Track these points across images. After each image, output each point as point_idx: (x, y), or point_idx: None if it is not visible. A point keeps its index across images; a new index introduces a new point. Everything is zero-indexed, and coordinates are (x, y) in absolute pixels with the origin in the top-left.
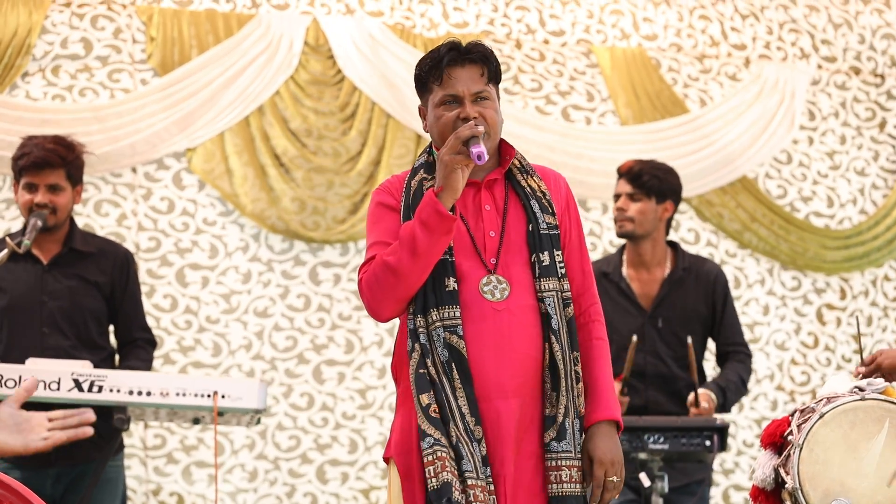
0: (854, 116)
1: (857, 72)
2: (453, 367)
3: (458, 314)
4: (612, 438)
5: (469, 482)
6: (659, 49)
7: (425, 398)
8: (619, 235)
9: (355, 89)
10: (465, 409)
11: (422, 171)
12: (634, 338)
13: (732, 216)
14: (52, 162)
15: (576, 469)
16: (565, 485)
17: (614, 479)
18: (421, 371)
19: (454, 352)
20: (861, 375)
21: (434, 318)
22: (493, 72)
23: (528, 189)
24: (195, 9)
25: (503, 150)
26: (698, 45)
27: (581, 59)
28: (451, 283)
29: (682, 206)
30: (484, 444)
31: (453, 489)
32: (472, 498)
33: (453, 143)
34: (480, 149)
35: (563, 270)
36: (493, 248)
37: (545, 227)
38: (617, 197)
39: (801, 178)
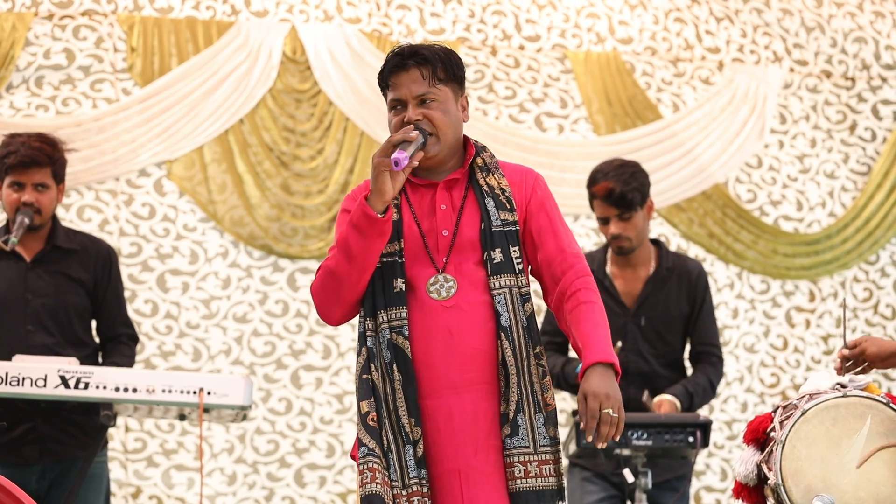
0: (825, 119)
1: (829, 75)
2: (395, 368)
3: (404, 315)
4: (606, 376)
5: (395, 491)
6: (633, 53)
7: (365, 405)
8: (619, 254)
9: (331, 103)
10: (403, 412)
11: None
12: (619, 344)
13: (701, 222)
14: (39, 160)
15: (535, 464)
16: (518, 481)
17: (610, 411)
18: (364, 377)
19: (398, 352)
20: (844, 358)
21: (382, 319)
22: (442, 72)
23: (485, 187)
24: (175, 16)
25: (467, 150)
26: (673, 48)
27: (556, 64)
28: (399, 284)
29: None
30: (421, 445)
31: (383, 499)
32: None
33: (385, 146)
34: (398, 155)
35: (520, 266)
36: (444, 248)
37: (499, 224)
38: (605, 220)
39: (771, 181)
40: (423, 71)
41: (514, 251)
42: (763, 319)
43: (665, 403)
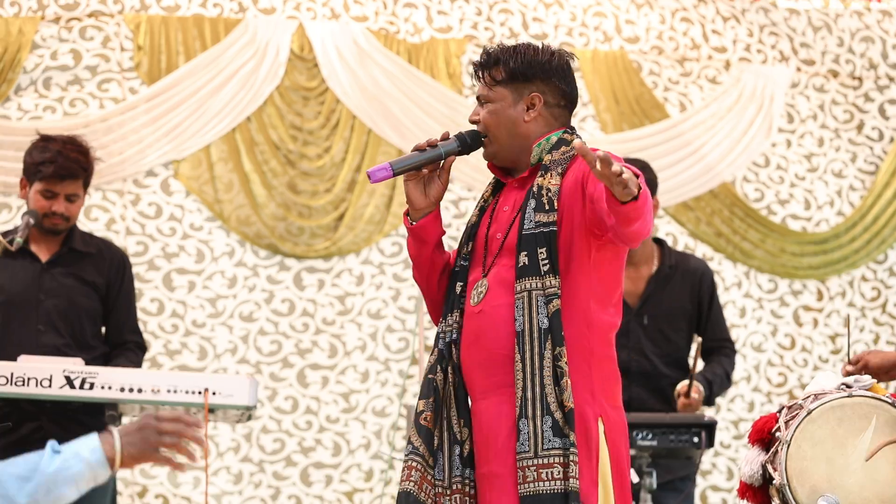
0: (832, 119)
1: (836, 74)
2: (449, 370)
3: (457, 318)
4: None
5: (438, 489)
6: (640, 52)
7: (421, 404)
8: None
9: (338, 101)
10: (454, 412)
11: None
12: (694, 350)
13: (709, 221)
14: (75, 173)
15: (533, 468)
16: (525, 485)
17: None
18: (430, 377)
19: (452, 355)
20: (847, 375)
21: (444, 322)
22: (500, 73)
23: (535, 188)
24: (182, 14)
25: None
26: (679, 47)
27: None
28: (458, 288)
29: (659, 211)
30: (467, 445)
31: (413, 495)
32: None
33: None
34: (374, 168)
35: (547, 267)
36: (493, 251)
37: (532, 225)
38: None
39: (779, 181)
40: (485, 73)
41: (542, 252)
42: (771, 318)
43: (694, 386)
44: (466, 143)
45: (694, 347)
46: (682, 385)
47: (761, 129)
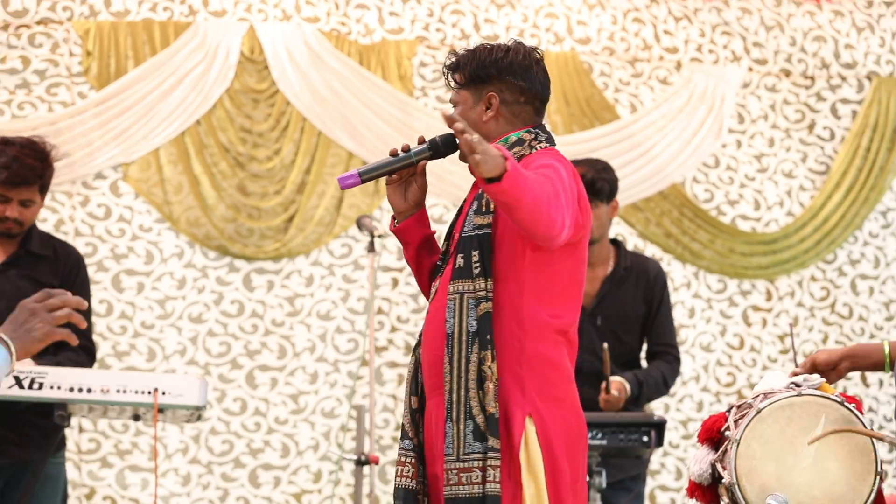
0: (783, 119)
1: (788, 74)
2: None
3: (426, 317)
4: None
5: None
6: (592, 53)
7: (415, 400)
8: None
9: (288, 103)
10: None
11: None
12: (605, 346)
13: (658, 222)
14: (29, 180)
15: (455, 472)
16: (445, 488)
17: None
18: (411, 373)
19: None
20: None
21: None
22: (460, 76)
23: (482, 189)
24: (132, 19)
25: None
26: (631, 48)
27: None
28: (433, 289)
29: None
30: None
31: (406, 490)
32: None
33: None
34: (343, 175)
35: (479, 269)
36: (450, 253)
37: (469, 228)
38: None
39: (729, 181)
40: (451, 78)
41: (475, 255)
42: (720, 319)
43: (615, 382)
44: (438, 147)
45: (607, 357)
46: (603, 384)
47: (712, 129)
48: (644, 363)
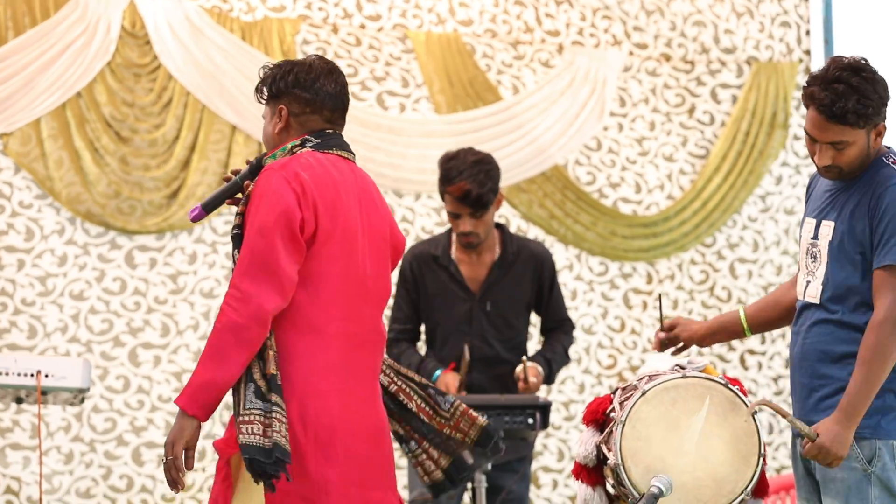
0: (664, 102)
1: (668, 58)
2: None
3: None
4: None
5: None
6: (474, 35)
7: None
8: (467, 248)
9: (171, 77)
10: None
11: None
12: (466, 352)
13: (541, 203)
14: None
15: (239, 423)
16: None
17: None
18: None
19: None
20: (660, 341)
21: None
22: (263, 93)
23: None
24: None
25: None
26: (513, 30)
27: (397, 44)
28: None
29: None
30: None
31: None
32: None
33: None
34: (190, 211)
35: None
36: None
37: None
38: (455, 215)
39: (610, 164)
40: (257, 95)
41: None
42: (601, 301)
43: (531, 369)
44: (254, 167)
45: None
46: (519, 369)
47: (593, 112)
48: (529, 347)
